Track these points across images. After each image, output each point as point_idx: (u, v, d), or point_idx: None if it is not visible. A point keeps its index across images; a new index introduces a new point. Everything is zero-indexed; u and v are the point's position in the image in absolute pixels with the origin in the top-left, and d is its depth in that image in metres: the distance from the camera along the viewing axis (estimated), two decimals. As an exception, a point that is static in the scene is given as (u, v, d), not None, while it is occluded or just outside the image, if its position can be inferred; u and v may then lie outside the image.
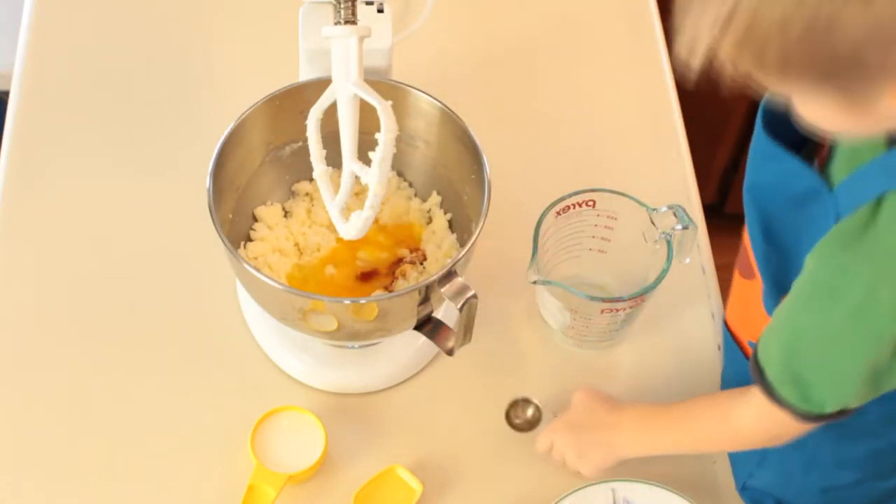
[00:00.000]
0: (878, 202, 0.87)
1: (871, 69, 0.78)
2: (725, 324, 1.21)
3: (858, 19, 0.75)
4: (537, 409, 1.26)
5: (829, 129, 0.88)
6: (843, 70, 0.78)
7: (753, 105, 1.08)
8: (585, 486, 1.20)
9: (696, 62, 0.81)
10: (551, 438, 1.19)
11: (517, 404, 1.27)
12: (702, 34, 0.80)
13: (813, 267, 0.91)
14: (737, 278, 1.16)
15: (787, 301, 0.96)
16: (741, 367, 1.15)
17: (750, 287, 1.11)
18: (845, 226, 0.89)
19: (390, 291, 1.26)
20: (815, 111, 0.85)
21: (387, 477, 1.20)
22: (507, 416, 1.26)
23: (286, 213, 1.33)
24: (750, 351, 1.16)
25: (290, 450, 1.20)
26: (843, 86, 0.80)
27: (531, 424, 1.26)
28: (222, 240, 1.14)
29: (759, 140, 1.01)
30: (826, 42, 0.76)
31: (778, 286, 1.01)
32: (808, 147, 0.99)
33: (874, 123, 0.86)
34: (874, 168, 0.89)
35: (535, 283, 1.22)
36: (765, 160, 1.01)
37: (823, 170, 0.97)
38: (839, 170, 0.95)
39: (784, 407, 0.98)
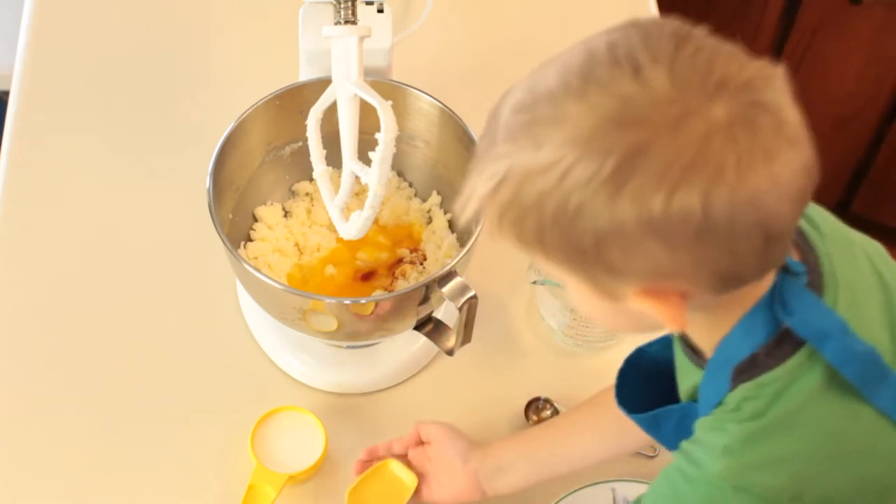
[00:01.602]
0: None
1: (614, 267, 0.77)
2: None
3: (603, 213, 0.74)
4: (556, 410, 1.26)
5: (592, 315, 0.89)
6: (588, 259, 0.78)
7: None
8: (585, 487, 1.20)
9: (465, 217, 0.82)
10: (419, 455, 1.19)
11: (535, 403, 1.27)
12: (475, 193, 0.80)
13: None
14: None
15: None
16: None
17: None
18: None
19: (390, 291, 1.26)
20: (575, 293, 0.85)
21: (380, 472, 1.20)
22: (526, 414, 1.26)
23: (286, 213, 1.33)
24: None
25: (290, 450, 1.20)
26: (591, 274, 0.79)
27: None
28: (222, 240, 1.14)
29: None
30: (573, 227, 0.76)
31: None
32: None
33: (628, 319, 0.85)
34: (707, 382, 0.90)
35: (535, 283, 1.22)
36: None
37: None
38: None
39: None
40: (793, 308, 0.83)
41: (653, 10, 1.62)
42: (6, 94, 1.50)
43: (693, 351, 0.92)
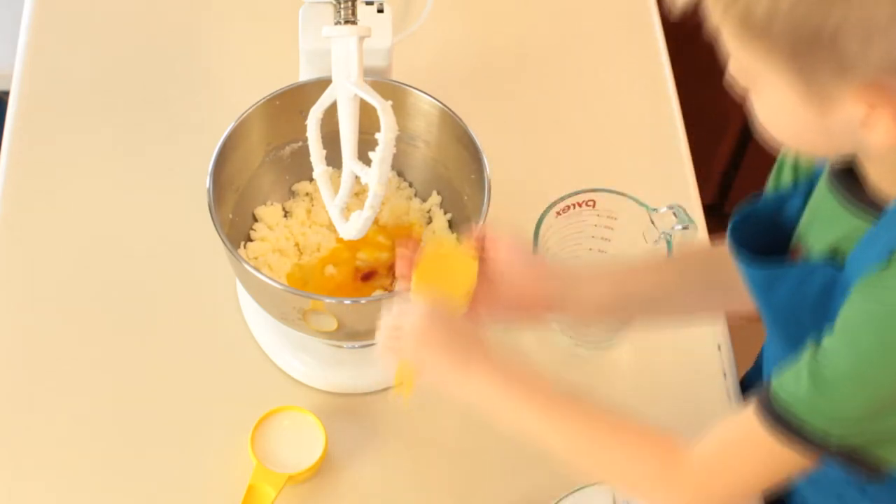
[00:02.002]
0: None
1: (845, 59, 0.76)
2: None
3: (854, 3, 0.74)
4: None
5: (781, 131, 0.86)
6: (817, 52, 0.77)
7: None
8: (585, 487, 1.20)
9: (681, 3, 0.81)
10: (403, 321, 1.03)
11: None
12: None
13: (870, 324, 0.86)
14: None
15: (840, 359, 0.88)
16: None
17: None
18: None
19: (390, 291, 1.26)
20: (774, 100, 0.83)
21: (445, 251, 1.09)
22: None
23: (286, 213, 1.33)
24: None
25: (290, 450, 1.20)
26: (811, 72, 0.78)
27: None
28: (222, 240, 1.14)
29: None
30: (814, 12, 0.75)
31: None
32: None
33: (826, 132, 0.83)
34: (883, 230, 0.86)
35: (535, 283, 1.22)
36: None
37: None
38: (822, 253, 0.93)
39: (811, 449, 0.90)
40: None
41: (653, 9, 1.62)
42: (6, 94, 1.50)
43: (857, 198, 0.89)
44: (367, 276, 1.28)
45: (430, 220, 1.32)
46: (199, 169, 1.18)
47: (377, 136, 1.10)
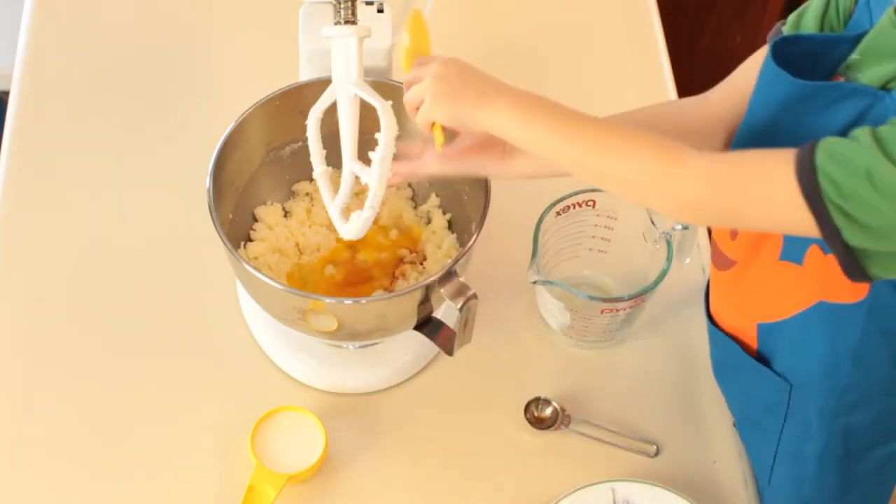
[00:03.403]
0: None
1: None
2: (709, 315, 1.20)
3: None
4: (556, 410, 1.26)
5: None
6: None
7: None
8: (585, 487, 1.20)
9: None
10: (424, 73, 1.06)
11: (535, 403, 1.27)
12: None
13: None
14: (714, 272, 1.16)
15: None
16: (729, 352, 1.16)
17: (727, 277, 1.12)
18: None
19: (390, 291, 1.26)
20: None
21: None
22: (526, 414, 1.27)
23: (286, 213, 1.33)
24: (736, 335, 1.16)
25: (290, 450, 1.20)
26: None
27: (550, 421, 1.26)
28: (222, 240, 1.14)
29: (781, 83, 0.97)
30: None
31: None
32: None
33: None
34: None
35: (535, 283, 1.22)
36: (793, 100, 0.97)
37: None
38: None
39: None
40: None
41: (653, 10, 1.62)
42: (6, 94, 1.51)
43: None
44: (368, 276, 1.28)
45: (429, 221, 1.32)
46: (199, 169, 1.18)
47: (377, 136, 1.10)
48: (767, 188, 0.91)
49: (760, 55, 1.04)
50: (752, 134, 1.01)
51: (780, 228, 0.96)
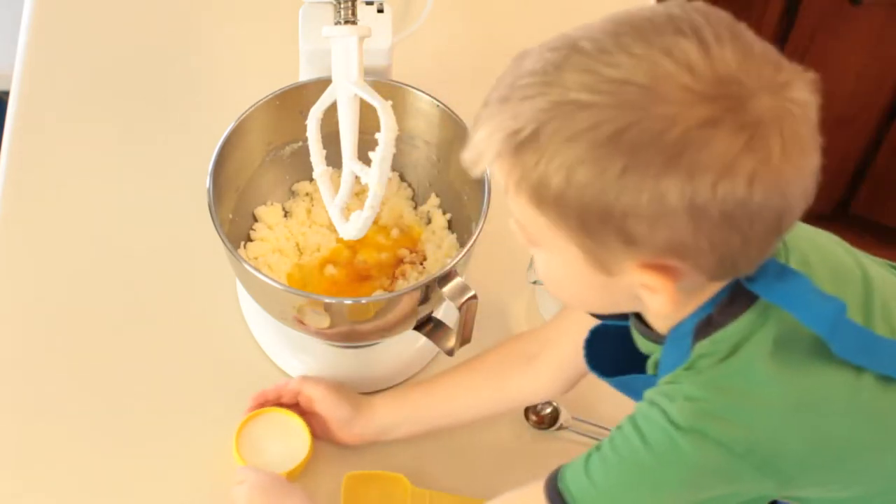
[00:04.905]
0: None
1: (634, 238, 0.79)
2: None
3: (646, 186, 0.76)
4: (556, 409, 1.26)
5: (562, 288, 0.91)
6: (606, 228, 0.79)
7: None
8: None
9: (477, 171, 0.84)
10: (244, 478, 1.16)
11: (535, 403, 1.27)
12: (490, 149, 0.82)
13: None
14: None
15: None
16: None
17: None
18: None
19: (390, 291, 1.26)
20: (558, 261, 0.86)
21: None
22: (526, 414, 1.27)
23: (286, 213, 1.33)
24: None
25: (276, 450, 1.21)
26: (598, 243, 0.81)
27: (550, 421, 1.26)
28: (222, 240, 1.14)
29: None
30: (604, 196, 0.77)
31: None
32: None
33: (607, 293, 0.87)
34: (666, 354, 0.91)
35: (535, 283, 1.22)
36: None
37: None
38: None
39: None
40: (755, 276, 0.85)
41: (653, 10, 1.62)
42: (6, 94, 1.51)
43: (648, 328, 0.94)
44: (367, 276, 1.28)
45: (429, 221, 1.32)
46: (199, 169, 1.18)
47: (377, 136, 1.10)
48: None
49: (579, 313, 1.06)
50: None
51: None
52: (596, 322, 1.02)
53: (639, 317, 0.95)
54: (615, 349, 1.01)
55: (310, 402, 1.21)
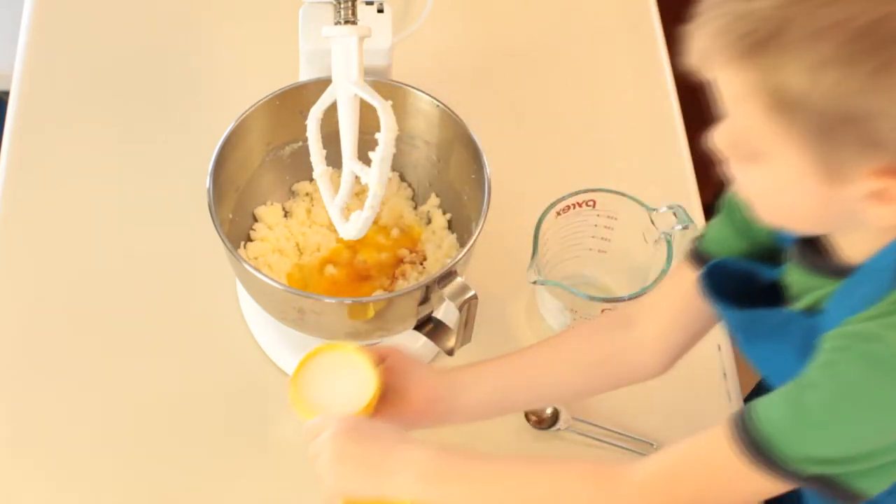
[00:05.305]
0: None
1: (876, 138, 0.75)
2: None
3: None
4: (556, 409, 1.26)
5: (777, 207, 0.85)
6: (848, 130, 0.75)
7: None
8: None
9: (707, 75, 0.80)
10: (323, 428, 1.01)
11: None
12: (718, 49, 0.77)
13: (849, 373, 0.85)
14: None
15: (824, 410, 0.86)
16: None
17: None
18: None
19: (390, 291, 1.26)
20: (778, 174, 0.81)
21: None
22: (526, 414, 1.26)
23: (286, 213, 1.33)
24: None
25: (340, 391, 1.05)
26: (833, 149, 0.77)
27: (550, 421, 1.26)
28: (222, 240, 1.14)
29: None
30: (853, 97, 0.73)
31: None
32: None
33: (825, 208, 0.82)
34: (864, 279, 0.87)
35: (535, 283, 1.22)
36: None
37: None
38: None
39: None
40: None
41: (653, 10, 1.62)
42: (6, 94, 1.51)
43: (821, 261, 0.89)
44: (367, 276, 1.28)
45: (429, 221, 1.32)
46: (199, 169, 1.18)
47: (377, 136, 1.10)
48: (722, 483, 0.89)
49: (680, 275, 1.03)
50: (753, 362, 1.00)
51: (748, 501, 0.94)
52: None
53: (809, 248, 0.90)
54: (730, 290, 0.96)
55: (390, 353, 1.08)
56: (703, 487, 0.91)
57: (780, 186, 0.82)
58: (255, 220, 1.31)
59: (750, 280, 0.96)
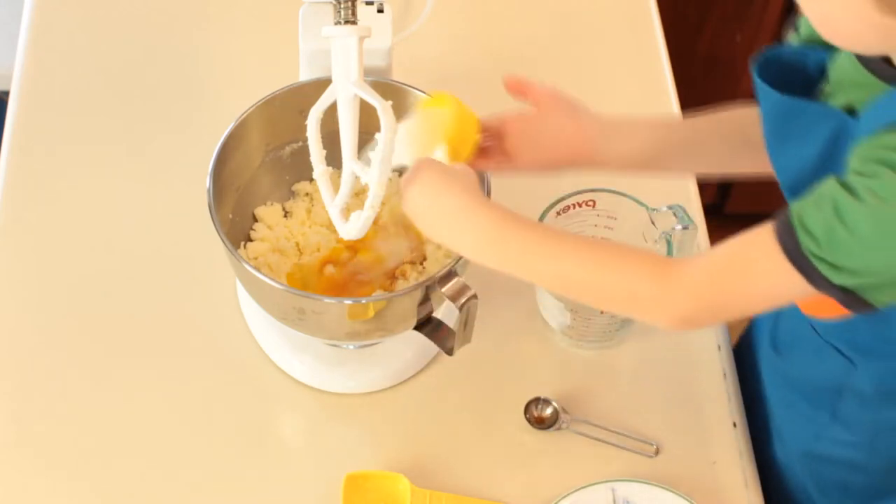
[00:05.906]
0: None
1: None
2: None
3: None
4: (556, 410, 1.26)
5: (840, 29, 0.87)
6: None
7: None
8: (585, 487, 1.20)
9: None
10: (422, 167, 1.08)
11: (535, 403, 1.27)
12: None
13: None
14: None
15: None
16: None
17: None
18: None
19: (390, 291, 1.26)
20: (846, 5, 0.84)
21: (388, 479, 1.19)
22: (526, 414, 1.27)
23: (286, 213, 1.33)
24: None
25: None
26: None
27: (550, 421, 1.26)
28: (222, 240, 1.14)
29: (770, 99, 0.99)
30: None
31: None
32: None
33: (887, 30, 0.84)
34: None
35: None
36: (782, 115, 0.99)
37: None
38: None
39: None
40: None
41: (653, 10, 1.62)
42: (6, 94, 1.51)
43: (872, 62, 0.91)
44: (366, 276, 1.28)
45: (430, 220, 1.32)
46: (199, 169, 1.18)
47: (377, 136, 1.10)
48: (761, 276, 0.92)
49: None
50: (778, 169, 1.02)
51: (779, 303, 0.97)
52: None
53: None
54: (779, 82, 0.97)
55: (535, 88, 1.15)
56: (749, 282, 0.94)
57: (843, 10, 0.85)
58: (255, 220, 1.31)
59: (800, 71, 0.97)
